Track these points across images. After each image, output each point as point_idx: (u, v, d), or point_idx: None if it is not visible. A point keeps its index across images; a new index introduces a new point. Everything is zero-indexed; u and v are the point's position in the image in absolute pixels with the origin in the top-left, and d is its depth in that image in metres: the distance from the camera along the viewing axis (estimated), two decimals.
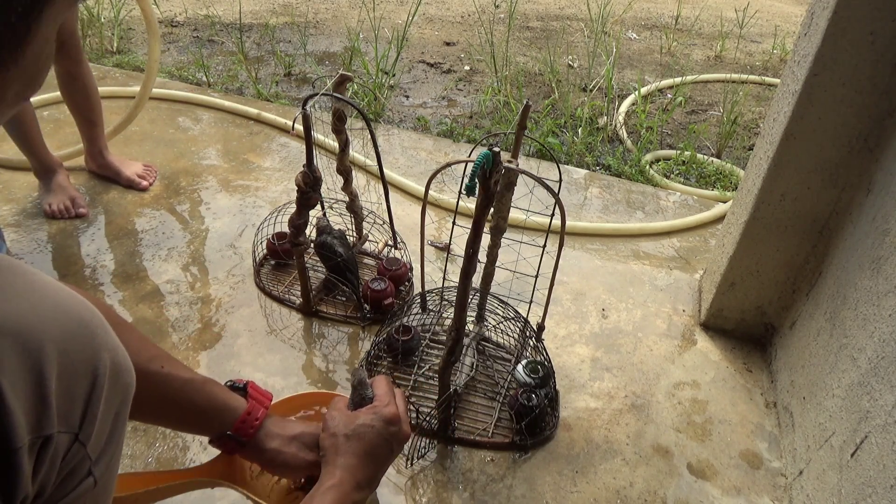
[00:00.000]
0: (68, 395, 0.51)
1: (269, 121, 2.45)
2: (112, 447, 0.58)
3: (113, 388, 0.55)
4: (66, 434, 0.51)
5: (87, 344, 0.53)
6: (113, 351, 0.56)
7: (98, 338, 0.54)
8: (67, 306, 0.53)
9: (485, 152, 0.97)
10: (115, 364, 0.56)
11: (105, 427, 0.56)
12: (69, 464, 0.53)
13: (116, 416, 0.57)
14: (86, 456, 0.54)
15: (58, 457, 0.51)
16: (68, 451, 0.52)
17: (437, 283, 1.63)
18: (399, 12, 3.75)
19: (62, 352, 0.50)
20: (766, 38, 3.83)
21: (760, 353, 1.64)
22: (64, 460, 0.52)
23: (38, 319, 0.49)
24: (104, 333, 0.55)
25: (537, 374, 1.38)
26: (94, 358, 0.53)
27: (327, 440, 0.93)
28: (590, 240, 1.98)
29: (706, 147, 2.64)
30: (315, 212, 1.50)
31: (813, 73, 1.28)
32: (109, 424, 0.56)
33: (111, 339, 0.56)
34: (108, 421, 0.56)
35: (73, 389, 0.51)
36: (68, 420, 0.51)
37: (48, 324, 0.50)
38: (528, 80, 3.09)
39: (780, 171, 1.40)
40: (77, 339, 0.52)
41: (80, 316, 0.53)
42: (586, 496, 1.26)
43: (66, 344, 0.51)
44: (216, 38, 3.31)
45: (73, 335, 0.52)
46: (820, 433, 1.24)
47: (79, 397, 0.52)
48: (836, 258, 1.37)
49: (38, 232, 1.82)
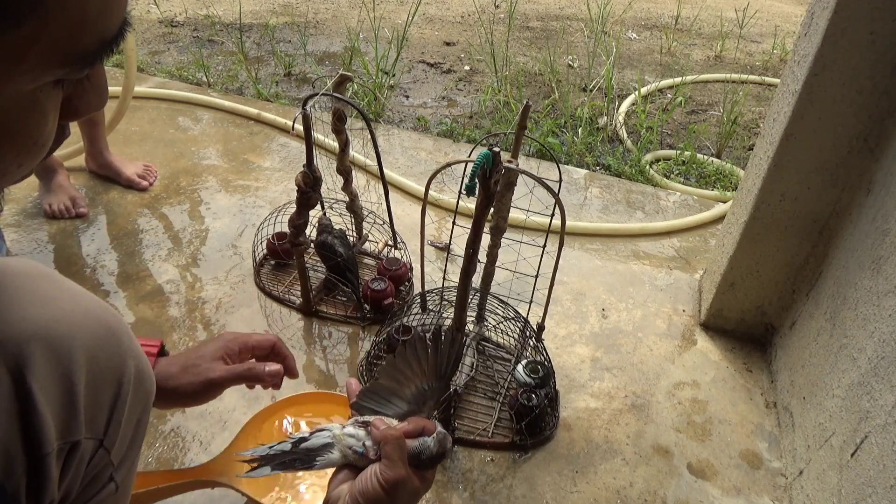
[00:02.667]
0: (95, 401, 0.51)
1: (269, 121, 2.45)
2: (133, 453, 0.58)
3: (136, 395, 0.56)
4: (92, 440, 0.51)
5: (114, 351, 0.53)
6: (137, 358, 0.56)
7: (124, 344, 0.55)
8: (96, 313, 0.53)
9: (485, 152, 0.97)
10: (139, 371, 0.56)
11: (127, 433, 0.56)
12: (93, 469, 0.53)
13: (138, 422, 0.58)
14: (109, 462, 0.54)
15: (83, 462, 0.51)
16: (93, 456, 0.52)
17: (437, 283, 1.63)
18: (399, 12, 3.75)
19: (91, 358, 0.50)
20: (766, 38, 3.83)
21: (760, 353, 1.64)
22: (89, 466, 0.52)
23: (69, 326, 0.50)
24: (129, 340, 0.56)
25: (537, 374, 1.38)
26: (121, 365, 0.54)
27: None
28: (590, 240, 1.98)
29: (706, 147, 2.64)
30: (315, 212, 1.50)
31: (813, 73, 1.28)
32: (131, 431, 0.57)
33: (135, 346, 0.56)
34: (130, 427, 0.56)
35: (99, 396, 0.52)
36: (94, 426, 0.52)
37: (78, 330, 0.50)
38: (528, 80, 3.09)
39: (780, 171, 1.40)
40: (105, 346, 0.52)
41: (108, 323, 0.54)
42: (586, 496, 1.26)
43: (95, 350, 0.51)
44: (216, 38, 3.31)
45: (102, 342, 0.52)
46: (820, 433, 1.24)
47: (105, 404, 0.52)
48: (836, 258, 1.37)
49: (38, 232, 1.82)
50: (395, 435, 0.69)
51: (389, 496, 0.67)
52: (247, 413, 1.33)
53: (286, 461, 0.73)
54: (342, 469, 0.73)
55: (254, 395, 1.39)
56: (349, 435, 0.72)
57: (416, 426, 0.73)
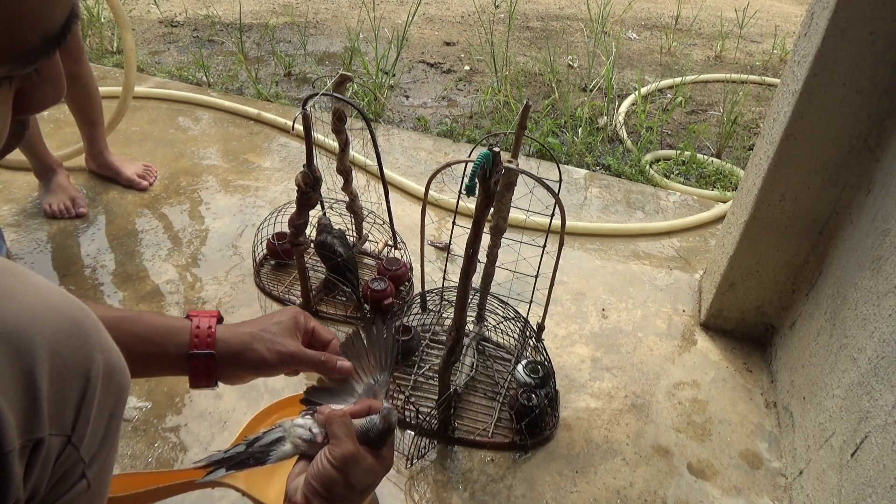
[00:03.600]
0: (60, 397, 0.50)
1: (269, 121, 2.45)
2: (106, 449, 0.57)
3: (106, 390, 0.55)
4: (58, 437, 0.50)
5: (79, 345, 0.52)
6: (107, 352, 0.55)
7: (91, 338, 0.53)
8: (60, 307, 0.52)
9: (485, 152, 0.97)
10: (108, 365, 0.55)
11: (98, 429, 0.55)
12: (62, 467, 0.52)
13: (110, 417, 0.56)
14: (79, 458, 0.53)
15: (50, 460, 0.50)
16: (60, 453, 0.51)
17: (437, 283, 1.63)
18: (399, 12, 3.75)
19: (54, 353, 0.49)
20: (766, 38, 3.83)
21: (760, 353, 1.64)
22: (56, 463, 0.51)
23: (30, 320, 0.48)
24: (97, 334, 0.54)
25: (537, 374, 1.38)
26: (87, 359, 0.52)
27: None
28: (590, 240, 1.98)
29: (706, 147, 2.64)
30: (315, 212, 1.50)
31: (813, 73, 1.28)
32: (103, 426, 0.56)
33: (105, 339, 0.55)
34: (101, 423, 0.55)
35: (65, 391, 0.51)
36: (60, 422, 0.50)
37: (40, 325, 0.49)
38: (528, 80, 3.09)
39: (780, 171, 1.40)
40: (70, 341, 0.51)
41: (73, 316, 0.52)
42: (586, 496, 1.26)
43: (58, 345, 0.50)
44: (216, 38, 3.31)
45: (66, 336, 0.51)
46: (820, 433, 1.24)
47: (71, 399, 0.51)
48: (836, 258, 1.37)
49: (38, 232, 1.82)
50: (338, 413, 0.71)
51: (342, 473, 0.68)
52: (247, 413, 1.34)
53: (240, 460, 0.75)
54: (298, 462, 0.74)
55: (254, 396, 1.39)
56: (298, 426, 0.75)
57: (362, 406, 0.74)
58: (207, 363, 0.79)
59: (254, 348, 0.80)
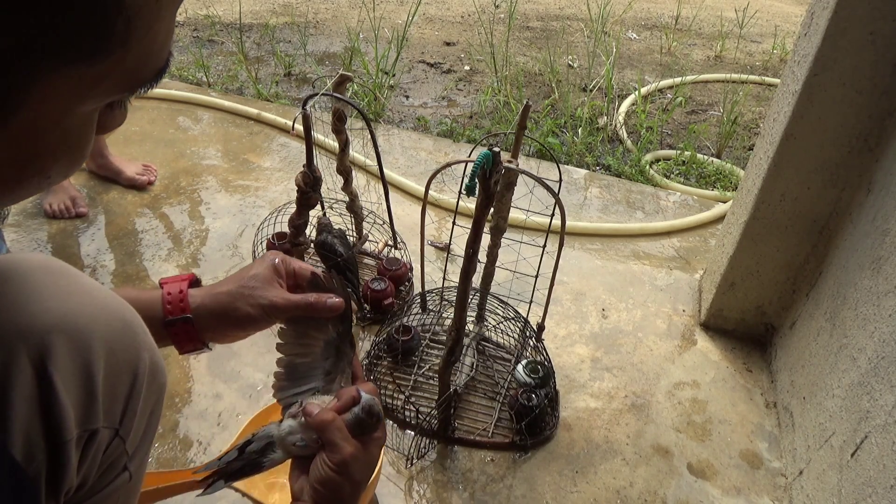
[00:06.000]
0: (112, 391, 0.54)
1: (269, 121, 2.45)
2: (146, 444, 0.61)
3: (150, 387, 0.58)
4: (109, 429, 0.54)
5: (130, 343, 0.56)
6: (152, 351, 0.58)
7: (139, 337, 0.57)
8: (113, 307, 0.55)
9: (485, 152, 0.97)
10: (153, 363, 0.58)
11: (142, 424, 0.58)
12: (109, 458, 0.55)
13: (151, 413, 0.60)
14: (124, 451, 0.56)
15: (100, 451, 0.54)
16: (109, 445, 0.55)
17: (437, 283, 1.63)
18: (399, 12, 3.75)
19: (109, 350, 0.53)
20: (766, 38, 3.83)
21: (760, 353, 1.64)
22: (105, 454, 0.55)
23: (88, 319, 0.52)
24: (144, 334, 0.58)
25: (537, 374, 1.38)
26: (136, 357, 0.56)
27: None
28: (590, 240, 1.98)
29: (706, 147, 2.64)
30: (315, 212, 1.50)
31: (813, 73, 1.28)
32: (145, 421, 0.59)
33: (150, 339, 0.59)
34: (144, 418, 0.59)
35: (116, 386, 0.54)
36: (111, 415, 0.54)
37: (97, 323, 0.53)
38: (528, 80, 3.09)
39: (780, 171, 1.40)
40: (122, 339, 0.55)
41: (124, 316, 0.56)
42: (586, 496, 1.26)
43: (112, 343, 0.54)
44: (216, 38, 3.31)
45: (119, 335, 0.55)
46: (820, 433, 1.24)
47: (121, 394, 0.55)
48: (836, 258, 1.37)
49: (38, 232, 1.82)
50: (329, 419, 0.71)
51: (344, 476, 0.70)
52: (247, 413, 1.34)
53: (236, 469, 0.75)
54: (297, 463, 0.74)
55: (254, 396, 1.39)
56: (288, 432, 0.74)
57: (345, 401, 0.74)
58: (186, 328, 0.77)
59: (236, 307, 0.78)
